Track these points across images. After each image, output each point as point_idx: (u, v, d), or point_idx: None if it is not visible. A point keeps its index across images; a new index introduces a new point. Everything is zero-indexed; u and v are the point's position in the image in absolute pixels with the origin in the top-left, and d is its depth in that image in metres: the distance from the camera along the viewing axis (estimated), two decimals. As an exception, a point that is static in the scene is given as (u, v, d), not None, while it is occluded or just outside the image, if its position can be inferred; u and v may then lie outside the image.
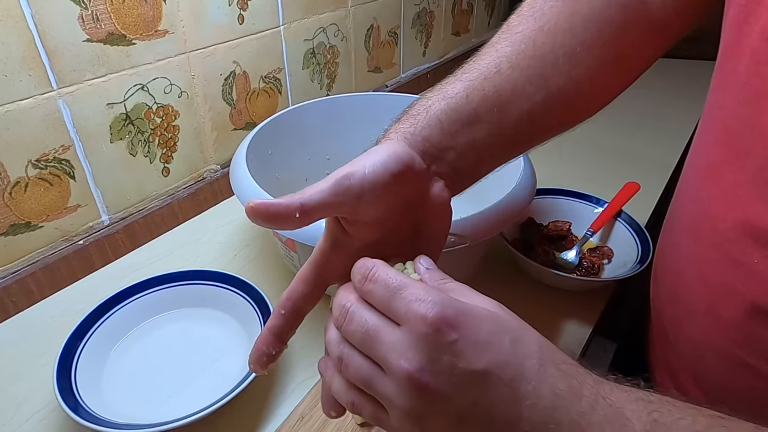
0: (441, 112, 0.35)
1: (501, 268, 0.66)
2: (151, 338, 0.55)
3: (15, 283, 0.60)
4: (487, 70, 0.36)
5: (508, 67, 0.36)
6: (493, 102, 0.35)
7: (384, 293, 0.27)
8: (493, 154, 0.38)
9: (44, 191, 0.60)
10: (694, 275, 0.39)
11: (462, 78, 0.36)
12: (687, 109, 1.07)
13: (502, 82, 0.36)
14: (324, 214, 0.30)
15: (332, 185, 0.30)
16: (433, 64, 1.27)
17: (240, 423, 0.48)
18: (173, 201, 0.75)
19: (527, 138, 0.39)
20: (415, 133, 0.34)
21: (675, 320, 0.44)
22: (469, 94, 0.35)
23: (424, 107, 0.36)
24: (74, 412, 0.43)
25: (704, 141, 0.40)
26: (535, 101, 0.36)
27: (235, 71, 0.78)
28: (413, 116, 0.35)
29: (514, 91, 0.36)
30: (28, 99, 0.56)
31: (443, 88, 0.36)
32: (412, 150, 0.33)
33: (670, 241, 0.45)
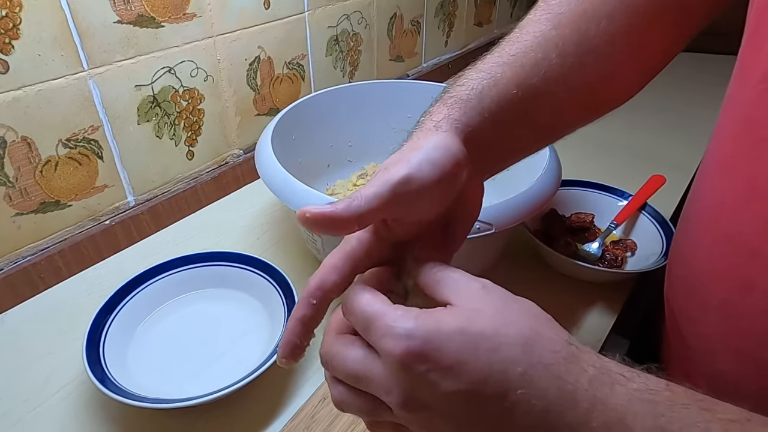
0: (492, 100, 0.34)
1: (522, 258, 0.66)
2: (175, 317, 0.56)
3: (44, 260, 0.61)
4: (534, 54, 0.35)
5: (555, 55, 0.35)
6: (538, 91, 0.35)
7: (361, 325, 0.27)
8: (529, 144, 0.37)
9: (73, 170, 0.62)
10: (709, 269, 0.39)
11: (510, 61, 0.35)
12: (713, 105, 1.05)
13: (550, 72, 0.35)
14: (379, 219, 0.30)
15: (389, 190, 0.28)
16: (455, 54, 1.26)
17: (262, 402, 0.49)
18: (197, 184, 0.75)
19: (555, 129, 0.39)
20: (468, 123, 0.33)
21: (689, 315, 0.43)
22: (519, 83, 0.34)
23: (474, 91, 0.34)
24: (102, 384, 0.44)
25: (723, 132, 0.39)
26: (574, 90, 0.36)
27: (259, 56, 0.78)
28: (463, 101, 0.34)
29: (558, 80, 0.35)
30: (60, 79, 0.57)
31: (491, 70, 0.35)
32: (461, 143, 0.32)
33: (685, 235, 0.44)
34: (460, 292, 0.27)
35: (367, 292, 0.27)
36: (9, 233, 0.58)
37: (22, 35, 0.53)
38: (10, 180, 0.56)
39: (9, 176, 0.56)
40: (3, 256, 0.59)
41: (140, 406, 0.43)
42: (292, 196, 0.52)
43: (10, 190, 0.57)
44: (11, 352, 0.54)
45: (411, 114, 0.78)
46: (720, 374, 0.40)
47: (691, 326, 0.43)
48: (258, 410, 0.48)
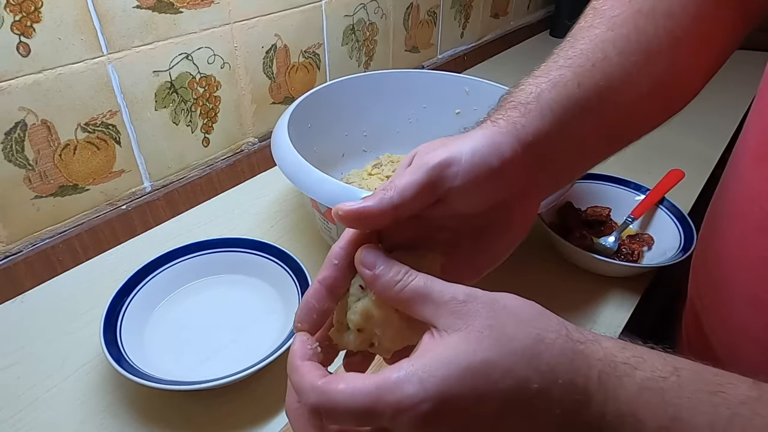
0: (553, 101, 0.32)
1: (537, 250, 0.65)
2: (191, 301, 0.56)
3: (62, 243, 0.62)
4: (593, 56, 0.34)
5: (615, 52, 0.34)
6: (603, 90, 0.33)
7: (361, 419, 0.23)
8: (596, 151, 0.35)
9: (92, 155, 0.62)
10: (739, 262, 0.38)
11: (569, 65, 0.34)
12: (732, 101, 1.03)
13: (613, 70, 0.33)
14: (415, 210, 0.28)
15: (425, 175, 0.27)
16: (470, 46, 1.25)
17: (276, 387, 0.49)
18: (212, 171, 0.76)
19: (628, 131, 0.37)
20: (526, 124, 0.31)
21: (714, 311, 0.42)
22: (581, 81, 0.32)
23: (533, 94, 0.32)
24: (118, 365, 0.44)
25: (756, 121, 0.38)
26: (642, 90, 0.34)
27: (276, 44, 0.78)
28: (522, 104, 0.32)
29: (622, 79, 0.33)
30: (79, 63, 0.57)
31: (550, 73, 0.33)
32: (519, 145, 0.30)
33: (713, 229, 0.43)
34: (441, 313, 0.25)
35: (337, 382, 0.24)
36: (28, 216, 0.59)
37: (44, 18, 0.53)
38: (30, 163, 0.57)
39: (29, 159, 0.57)
40: (22, 239, 0.60)
41: (156, 387, 0.43)
42: (308, 183, 0.52)
43: (30, 173, 0.57)
44: (30, 332, 0.55)
45: (426, 104, 0.79)
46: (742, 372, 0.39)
47: (716, 322, 0.42)
48: (271, 395, 0.48)
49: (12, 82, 0.53)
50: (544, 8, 1.51)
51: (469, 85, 0.75)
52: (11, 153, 0.55)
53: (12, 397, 0.48)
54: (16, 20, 0.51)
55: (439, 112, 0.78)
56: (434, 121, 0.78)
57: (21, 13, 0.51)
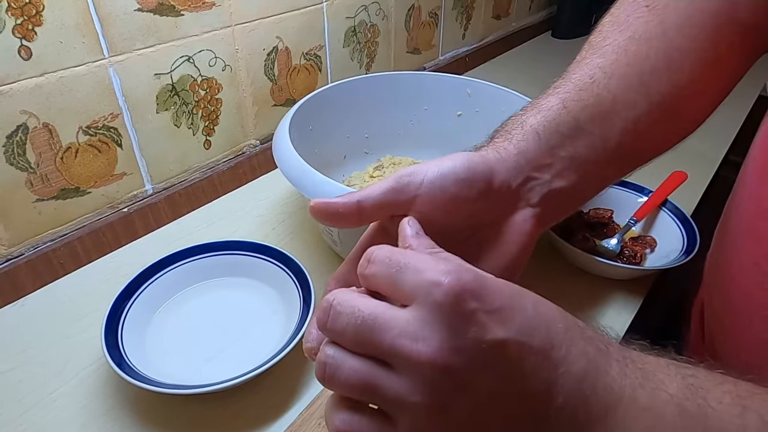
0: (538, 125, 0.33)
1: (539, 253, 0.64)
2: (192, 304, 0.56)
3: (63, 246, 0.62)
4: (581, 81, 0.34)
5: (604, 77, 0.34)
6: (593, 111, 0.33)
7: (387, 271, 0.23)
8: (596, 172, 0.35)
9: (93, 158, 0.62)
10: (753, 280, 0.37)
11: (555, 92, 0.35)
12: (735, 102, 1.03)
13: (600, 91, 0.34)
14: (382, 213, 0.30)
15: (391, 183, 0.29)
16: (472, 47, 1.25)
17: (278, 390, 0.49)
18: (213, 174, 0.76)
19: (632, 154, 0.37)
20: (509, 148, 0.32)
21: (728, 330, 0.41)
22: (566, 104, 0.33)
23: (518, 122, 0.33)
24: (120, 368, 0.44)
25: (766, 135, 0.38)
26: (639, 110, 0.34)
27: (277, 46, 0.78)
28: (507, 132, 0.33)
29: (614, 99, 0.34)
30: (81, 66, 0.57)
31: (536, 103, 0.34)
32: (499, 165, 0.31)
33: (725, 245, 0.42)
34: None
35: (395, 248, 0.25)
36: (30, 219, 0.59)
37: (45, 22, 0.53)
38: (31, 166, 0.57)
39: (31, 162, 0.57)
40: (24, 241, 0.60)
41: (157, 391, 0.43)
42: (309, 186, 0.52)
43: (32, 176, 0.57)
44: (31, 335, 0.55)
45: (428, 106, 0.78)
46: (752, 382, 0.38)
47: (731, 341, 0.41)
48: (274, 398, 0.48)
49: (14, 86, 0.53)
50: (546, 9, 1.51)
51: (471, 86, 0.75)
52: (13, 156, 0.55)
53: (13, 401, 0.48)
54: (18, 24, 0.51)
55: (440, 113, 0.78)
56: (436, 122, 0.78)
57: (22, 17, 0.51)
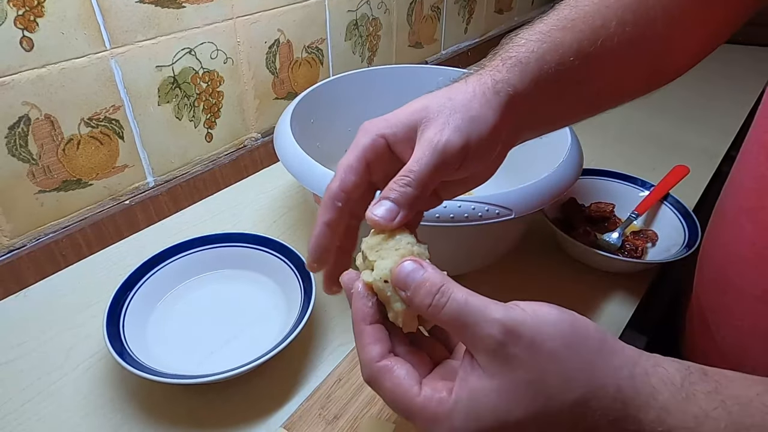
0: (549, 67, 0.33)
1: (540, 246, 0.65)
2: (194, 296, 0.56)
3: (65, 238, 0.62)
4: (593, 21, 0.34)
5: (615, 24, 0.34)
6: (592, 59, 0.34)
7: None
8: (574, 114, 0.37)
9: (95, 150, 0.62)
10: (750, 258, 0.38)
11: (569, 26, 0.34)
12: (737, 96, 1.03)
13: (608, 40, 0.34)
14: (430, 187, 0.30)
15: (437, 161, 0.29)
16: (474, 41, 1.25)
17: (278, 381, 0.49)
18: (215, 167, 0.76)
19: (610, 98, 0.38)
20: (521, 88, 0.32)
21: (722, 308, 0.42)
22: (578, 49, 0.33)
23: (534, 54, 0.33)
24: (121, 358, 0.45)
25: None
26: (628, 63, 0.35)
27: (279, 39, 0.78)
28: (522, 64, 0.33)
29: (612, 49, 0.34)
30: (83, 58, 0.57)
31: (551, 33, 0.34)
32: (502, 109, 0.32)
33: (722, 225, 0.43)
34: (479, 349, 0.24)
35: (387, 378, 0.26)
36: (32, 210, 0.59)
37: (47, 13, 0.53)
38: (33, 157, 0.57)
39: (33, 154, 0.57)
40: (26, 233, 0.60)
41: (158, 380, 0.44)
42: (311, 179, 0.52)
43: (34, 167, 0.58)
44: (34, 326, 0.55)
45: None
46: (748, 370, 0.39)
47: (723, 319, 0.42)
48: (274, 389, 0.48)
49: (15, 77, 0.53)
50: (549, 4, 1.50)
51: (473, 80, 0.75)
52: (15, 147, 0.55)
53: (16, 390, 0.48)
54: (20, 15, 0.51)
55: (442, 107, 0.77)
56: (437, 116, 0.78)
57: (24, 8, 0.51)
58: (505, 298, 0.26)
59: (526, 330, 0.23)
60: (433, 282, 0.25)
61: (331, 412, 0.45)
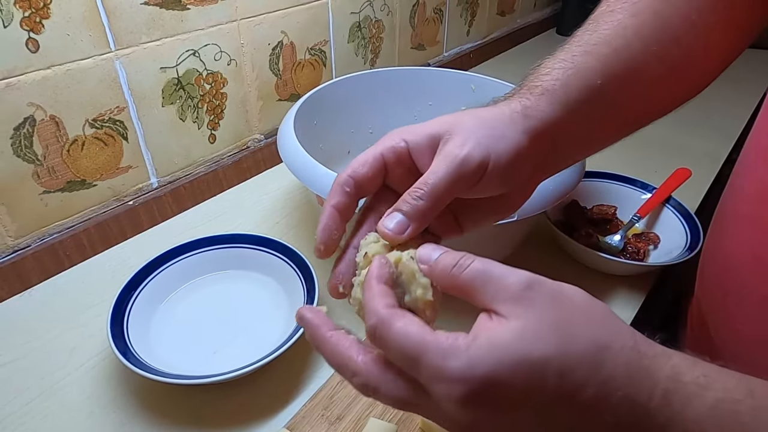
0: (577, 92, 0.33)
1: (542, 248, 0.65)
2: (197, 296, 0.57)
3: (69, 238, 0.62)
4: (615, 42, 0.34)
5: (637, 41, 0.34)
6: (622, 79, 0.34)
7: (402, 362, 0.24)
8: (607, 136, 0.37)
9: (99, 150, 0.62)
10: (751, 264, 0.38)
11: (592, 50, 0.34)
12: (740, 99, 1.03)
13: (632, 58, 0.34)
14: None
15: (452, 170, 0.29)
16: (477, 43, 1.25)
17: (280, 383, 0.49)
18: (218, 168, 0.76)
19: (641, 116, 0.38)
20: (552, 116, 0.32)
21: (722, 312, 0.42)
22: (604, 71, 0.33)
23: (560, 82, 0.33)
24: (124, 358, 0.45)
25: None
26: (654, 76, 0.35)
27: (282, 41, 0.78)
28: (549, 92, 0.33)
29: (639, 68, 0.34)
30: (88, 59, 0.58)
31: (574, 59, 0.34)
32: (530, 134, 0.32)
33: (722, 230, 0.43)
34: (502, 298, 0.24)
35: (397, 318, 0.24)
36: (37, 211, 0.60)
37: (53, 14, 0.53)
38: (38, 158, 0.57)
39: (37, 154, 0.57)
40: (30, 233, 0.60)
41: (161, 380, 0.44)
42: (314, 180, 0.52)
43: (38, 168, 0.58)
44: (38, 325, 0.55)
45: (432, 102, 0.79)
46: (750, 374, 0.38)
47: (724, 324, 0.42)
48: (277, 390, 0.49)
49: (21, 78, 0.53)
50: (551, 6, 1.50)
51: (475, 82, 0.75)
52: (20, 148, 0.56)
53: (21, 389, 0.49)
54: (26, 16, 0.52)
55: (445, 109, 0.77)
56: (440, 118, 0.78)
57: (30, 9, 0.52)
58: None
59: (550, 282, 0.24)
60: (455, 252, 0.26)
61: (334, 413, 0.45)
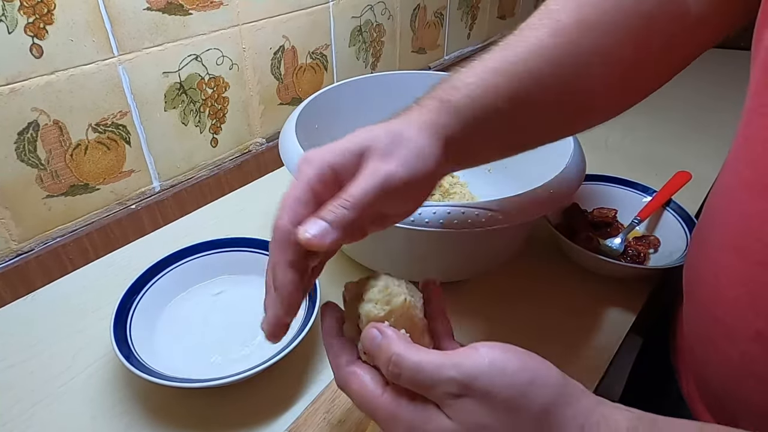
0: (482, 113, 0.35)
1: (543, 252, 0.65)
2: (200, 299, 0.57)
3: (73, 242, 0.63)
4: (528, 65, 0.36)
5: (551, 67, 0.36)
6: (529, 105, 0.36)
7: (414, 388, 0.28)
8: (506, 150, 0.39)
9: (102, 155, 0.63)
10: (742, 298, 0.36)
11: (505, 69, 0.35)
12: (739, 102, 1.02)
13: (543, 83, 0.36)
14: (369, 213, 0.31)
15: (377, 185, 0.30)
16: (477, 47, 1.25)
17: (283, 386, 0.49)
18: (220, 171, 0.77)
19: (542, 136, 0.40)
20: (456, 130, 0.34)
21: (710, 341, 0.40)
22: (511, 96, 0.35)
23: (468, 99, 0.35)
24: (128, 361, 0.45)
25: (752, 149, 0.35)
26: (563, 102, 0.37)
27: (284, 46, 0.79)
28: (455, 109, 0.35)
29: (549, 91, 0.36)
30: (91, 64, 0.58)
31: (486, 77, 0.35)
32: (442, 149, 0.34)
33: (707, 257, 0.41)
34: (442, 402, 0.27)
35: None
36: (40, 215, 0.60)
37: (56, 20, 0.54)
38: (41, 163, 0.58)
39: (41, 159, 0.58)
40: (34, 237, 0.60)
41: (164, 384, 0.44)
42: (315, 184, 0.52)
43: (42, 172, 0.58)
44: (41, 329, 0.56)
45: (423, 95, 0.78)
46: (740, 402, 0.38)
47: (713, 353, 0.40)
48: (279, 393, 0.49)
49: (25, 83, 0.54)
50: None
51: (476, 86, 0.75)
52: (24, 153, 0.56)
53: (25, 393, 0.49)
54: (30, 22, 0.52)
55: (445, 113, 0.78)
56: (441, 122, 0.78)
57: (34, 15, 0.52)
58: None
59: (480, 383, 0.26)
60: (387, 353, 0.28)
61: (335, 416, 0.45)
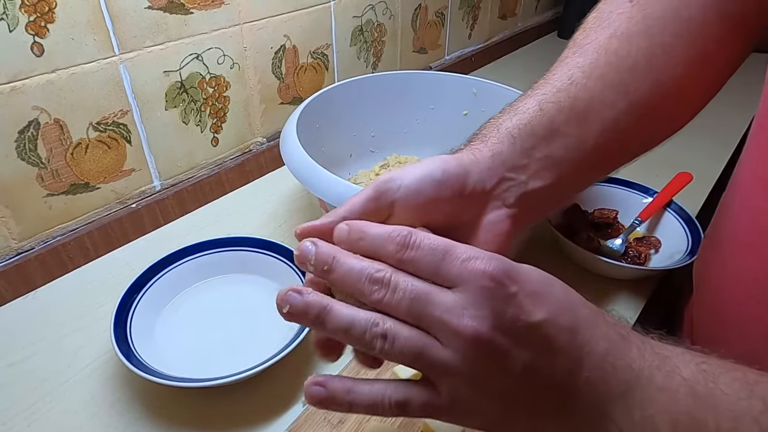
0: (513, 128, 0.33)
1: (543, 252, 0.65)
2: (200, 299, 0.57)
3: (73, 241, 0.63)
4: (559, 82, 0.35)
5: (582, 76, 0.34)
6: (569, 112, 0.34)
7: (431, 258, 0.25)
8: (574, 172, 0.35)
9: (103, 153, 0.63)
10: (754, 297, 0.36)
11: (533, 94, 0.35)
12: (741, 102, 1.02)
13: (578, 92, 0.34)
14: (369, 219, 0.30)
15: (370, 192, 0.30)
16: (478, 47, 1.25)
17: (283, 386, 0.49)
18: (221, 171, 0.76)
19: (612, 154, 0.37)
20: (483, 150, 0.33)
21: (721, 340, 0.40)
22: (542, 106, 0.34)
23: (494, 126, 0.34)
24: (128, 360, 0.45)
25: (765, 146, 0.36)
26: (619, 110, 0.34)
27: (285, 45, 0.79)
28: (483, 135, 0.34)
29: (591, 100, 0.34)
30: (92, 63, 0.58)
31: (513, 105, 0.35)
32: (473, 166, 0.32)
33: (719, 257, 0.41)
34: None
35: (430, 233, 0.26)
36: (40, 213, 0.60)
37: (57, 19, 0.54)
38: (42, 161, 0.58)
39: (41, 157, 0.58)
40: (34, 236, 0.60)
41: (164, 383, 0.44)
42: (316, 183, 0.52)
43: (42, 171, 0.58)
44: (42, 327, 0.56)
45: (434, 105, 0.79)
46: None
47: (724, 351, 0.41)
48: (279, 392, 0.49)
49: (26, 82, 0.54)
50: (552, 9, 1.51)
51: (477, 86, 0.75)
52: (24, 151, 0.56)
53: (26, 391, 0.49)
54: (31, 21, 0.52)
55: (446, 113, 0.78)
56: (442, 122, 0.78)
57: (35, 14, 0.52)
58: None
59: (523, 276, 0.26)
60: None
61: (336, 417, 0.45)
